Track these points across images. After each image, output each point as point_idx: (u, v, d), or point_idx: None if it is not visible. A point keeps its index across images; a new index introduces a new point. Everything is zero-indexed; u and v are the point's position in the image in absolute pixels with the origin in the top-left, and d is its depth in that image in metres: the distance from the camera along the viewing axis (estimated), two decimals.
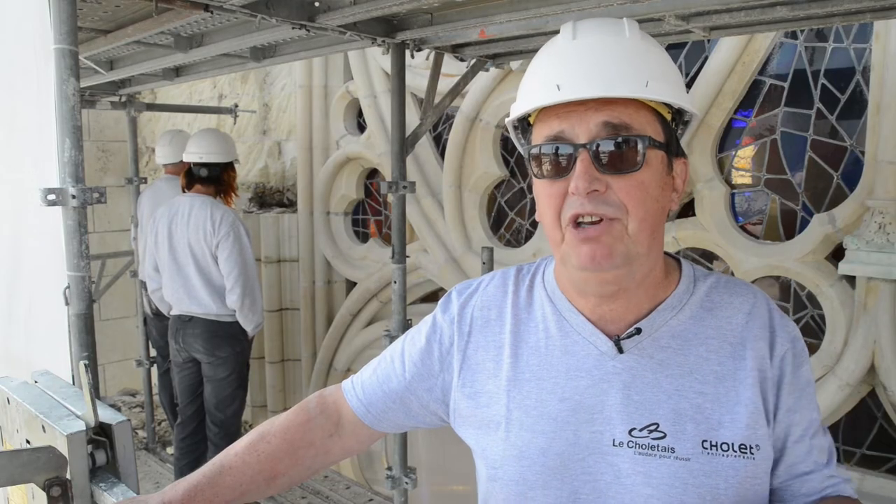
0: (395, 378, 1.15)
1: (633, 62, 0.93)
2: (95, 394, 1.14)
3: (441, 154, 4.50)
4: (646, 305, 1.00)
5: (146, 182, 5.08)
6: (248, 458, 1.11)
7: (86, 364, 1.11)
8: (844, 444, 3.19)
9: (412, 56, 2.86)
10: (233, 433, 3.74)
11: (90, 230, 2.07)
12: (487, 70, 3.22)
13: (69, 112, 1.71)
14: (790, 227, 3.27)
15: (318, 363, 5.19)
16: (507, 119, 1.04)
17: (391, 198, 2.92)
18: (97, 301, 5.34)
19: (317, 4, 2.34)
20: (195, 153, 3.70)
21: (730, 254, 3.31)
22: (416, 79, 4.15)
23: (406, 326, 2.91)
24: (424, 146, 4.50)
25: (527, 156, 0.98)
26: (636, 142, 0.91)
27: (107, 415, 1.16)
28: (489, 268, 2.86)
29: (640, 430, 0.95)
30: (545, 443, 0.99)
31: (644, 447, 0.94)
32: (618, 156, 0.91)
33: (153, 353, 4.95)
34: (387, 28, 2.63)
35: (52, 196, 1.68)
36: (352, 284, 5.14)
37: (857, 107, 3.03)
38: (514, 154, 4.23)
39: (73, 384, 1.36)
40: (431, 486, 4.55)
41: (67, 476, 1.10)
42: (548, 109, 0.95)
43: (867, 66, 2.95)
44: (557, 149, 0.93)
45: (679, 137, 1.02)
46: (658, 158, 0.94)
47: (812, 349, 3.13)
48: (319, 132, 5.05)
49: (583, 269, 0.95)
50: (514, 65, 3.79)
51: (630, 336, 0.98)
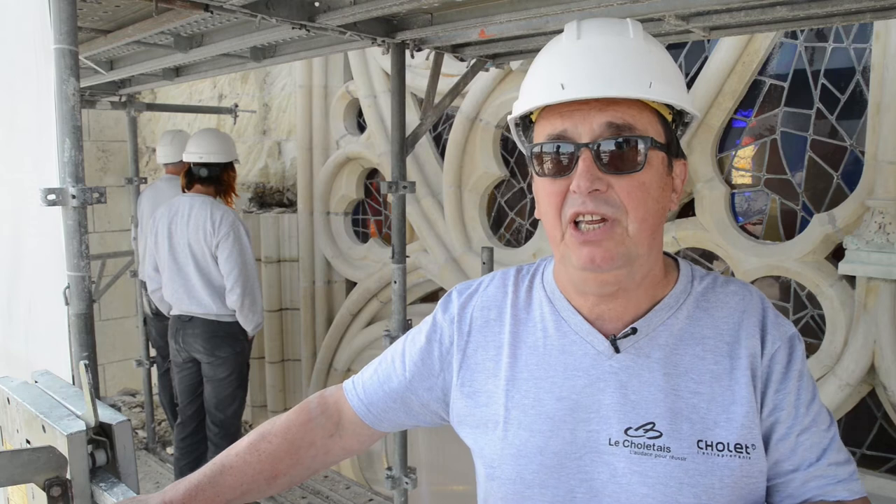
0: (396, 378, 1.15)
1: (637, 63, 0.93)
2: (95, 394, 1.14)
3: (441, 154, 4.49)
4: (644, 305, 1.00)
5: (146, 182, 5.07)
6: (249, 458, 1.11)
7: (86, 364, 1.11)
8: (844, 445, 3.18)
9: (412, 56, 2.86)
10: (233, 433, 3.74)
11: (90, 230, 2.07)
12: (487, 70, 3.22)
13: (69, 112, 1.71)
14: (790, 227, 3.27)
15: (318, 363, 5.19)
16: (510, 116, 1.04)
17: (391, 198, 2.92)
18: (97, 301, 5.34)
19: (317, 4, 2.34)
20: (195, 153, 3.70)
21: (730, 254, 3.31)
22: (416, 79, 4.15)
23: (406, 326, 2.91)
24: (424, 146, 4.50)
25: (528, 154, 0.99)
26: (638, 142, 0.91)
27: (107, 415, 1.17)
28: (489, 268, 2.86)
29: (636, 430, 0.96)
30: (542, 442, 0.99)
31: (640, 446, 0.95)
32: (619, 156, 0.91)
33: (153, 353, 4.95)
34: (387, 28, 2.63)
35: (52, 196, 1.69)
36: (352, 284, 5.14)
37: (857, 107, 3.03)
38: (514, 154, 4.22)
39: (73, 384, 1.36)
40: (431, 486, 4.55)
41: (67, 476, 1.10)
42: (551, 108, 0.95)
43: (867, 66, 2.95)
44: (560, 147, 0.93)
45: (679, 138, 1.02)
46: (659, 159, 0.95)
47: (812, 349, 3.13)
48: (319, 132, 5.05)
49: (582, 270, 0.96)
50: (514, 65, 3.78)
51: (626, 336, 0.99)
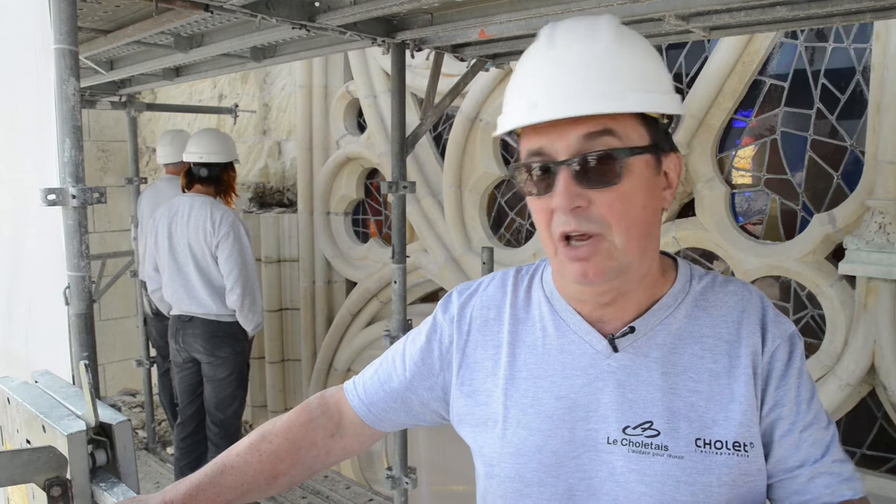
0: (397, 377, 1.16)
1: (611, 72, 0.90)
2: (95, 394, 1.14)
3: (441, 154, 4.49)
4: (644, 305, 1.01)
5: (146, 182, 5.07)
6: (250, 458, 1.11)
7: (86, 364, 1.11)
8: (844, 445, 3.14)
9: (412, 56, 2.86)
10: (233, 433, 3.74)
11: (90, 230, 2.07)
12: (487, 70, 3.22)
13: (69, 112, 1.71)
14: (790, 227, 3.27)
15: (318, 363, 5.19)
16: (494, 134, 1.03)
17: (391, 198, 2.92)
18: (97, 301, 5.34)
19: (317, 4, 2.34)
20: (195, 153, 3.69)
21: (730, 254, 3.31)
22: (416, 79, 4.15)
23: (406, 326, 2.91)
24: (424, 146, 4.50)
25: (511, 173, 0.98)
26: (612, 156, 0.90)
27: (107, 415, 1.17)
28: (489, 268, 2.86)
29: (634, 428, 0.96)
30: (541, 440, 1.00)
31: (638, 445, 0.95)
32: (596, 171, 0.90)
33: (153, 353, 4.95)
34: (387, 28, 2.63)
35: (53, 196, 1.69)
36: (352, 284, 5.13)
37: (857, 107, 3.03)
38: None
39: (73, 384, 1.36)
40: (431, 486, 4.55)
41: (68, 476, 1.10)
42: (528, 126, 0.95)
43: (867, 66, 2.95)
44: (538, 166, 0.93)
45: (672, 132, 1.01)
46: (642, 164, 0.93)
47: (812, 349, 3.13)
48: (319, 132, 5.05)
49: (577, 284, 0.97)
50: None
51: (624, 335, 0.99)
